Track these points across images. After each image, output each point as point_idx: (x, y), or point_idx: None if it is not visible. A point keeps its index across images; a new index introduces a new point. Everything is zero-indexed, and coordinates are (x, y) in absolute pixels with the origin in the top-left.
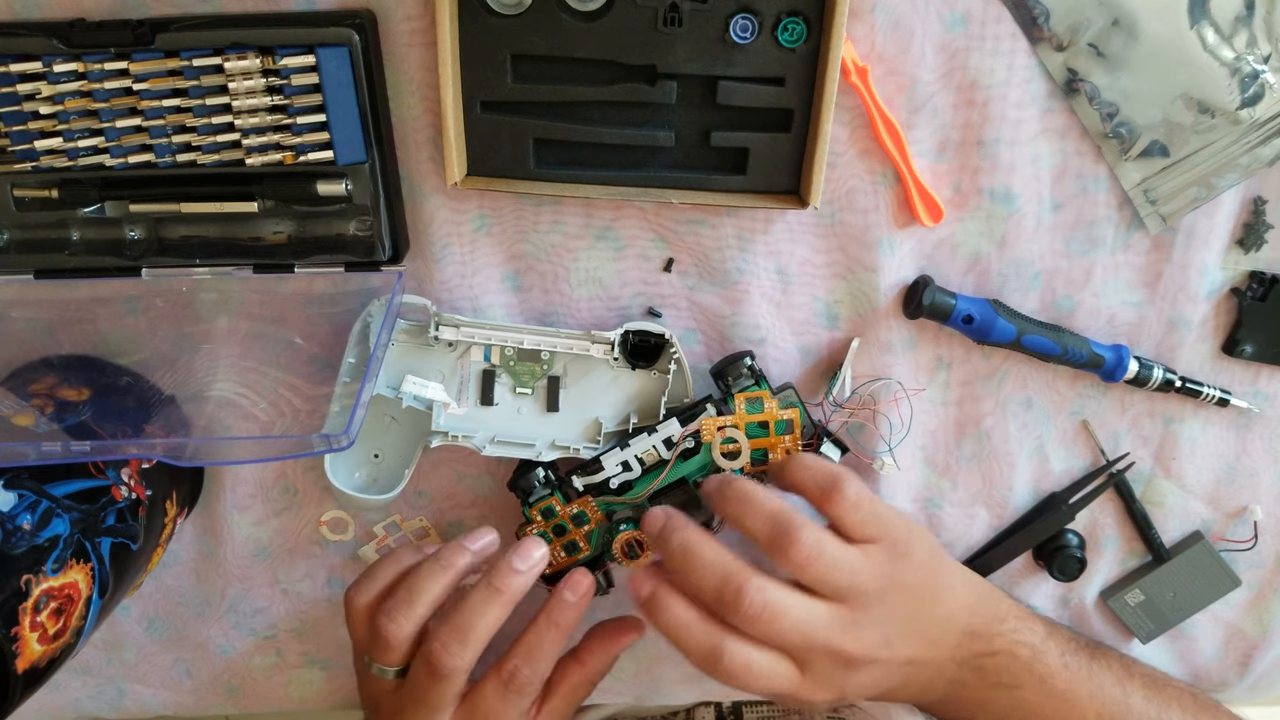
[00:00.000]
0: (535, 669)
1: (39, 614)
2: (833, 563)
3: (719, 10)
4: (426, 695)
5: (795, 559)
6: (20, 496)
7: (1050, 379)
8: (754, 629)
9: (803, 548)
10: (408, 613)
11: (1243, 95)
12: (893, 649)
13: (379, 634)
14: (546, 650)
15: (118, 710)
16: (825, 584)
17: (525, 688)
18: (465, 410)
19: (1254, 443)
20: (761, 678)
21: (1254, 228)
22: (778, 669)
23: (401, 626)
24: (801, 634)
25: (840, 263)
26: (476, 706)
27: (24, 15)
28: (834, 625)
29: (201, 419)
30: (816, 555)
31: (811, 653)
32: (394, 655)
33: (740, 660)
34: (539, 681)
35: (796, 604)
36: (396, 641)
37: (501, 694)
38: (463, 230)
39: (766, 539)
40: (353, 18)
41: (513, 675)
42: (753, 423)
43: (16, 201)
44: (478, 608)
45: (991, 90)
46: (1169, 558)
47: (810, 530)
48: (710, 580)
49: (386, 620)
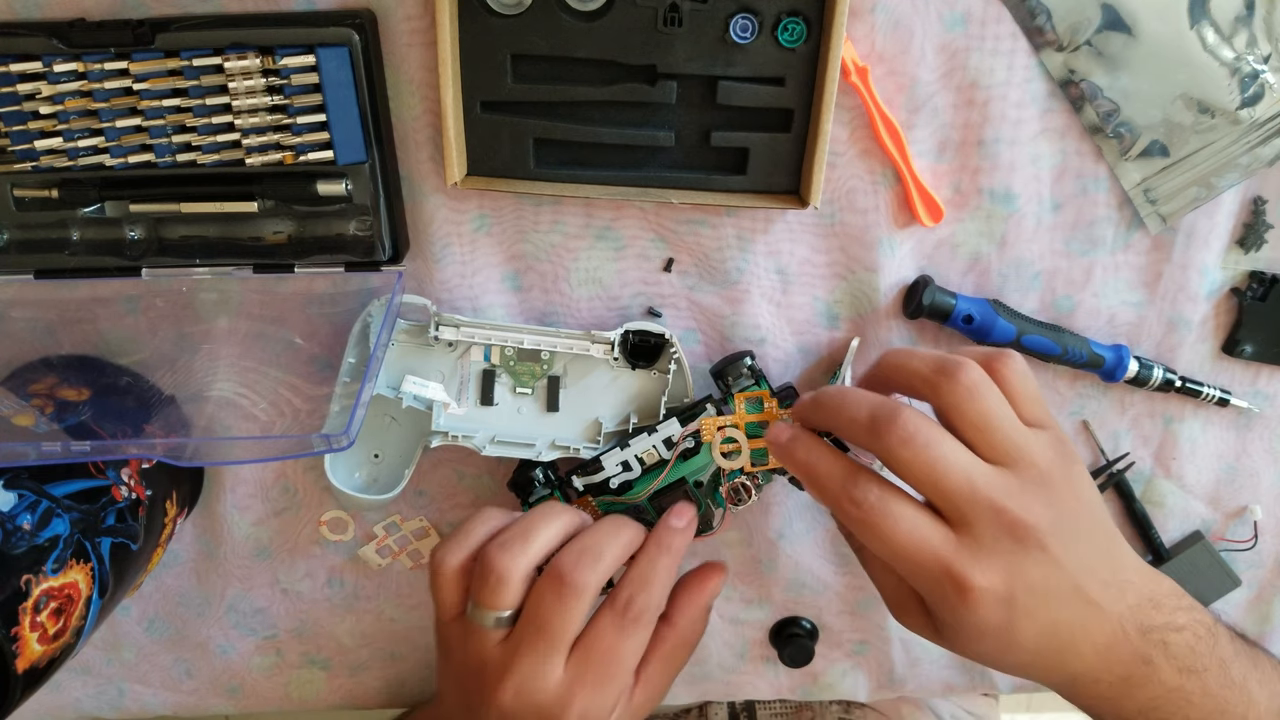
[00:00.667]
0: (650, 595)
1: (39, 614)
2: (993, 412)
3: (719, 10)
4: (547, 623)
5: (949, 397)
6: (20, 496)
7: (1050, 379)
8: (908, 455)
9: (964, 378)
10: (523, 547)
11: (1243, 95)
12: (1066, 549)
13: (488, 568)
14: (660, 576)
15: (118, 710)
16: (986, 435)
17: (642, 616)
18: (465, 410)
19: (1254, 443)
20: (904, 522)
21: (1254, 228)
22: (924, 519)
23: (516, 560)
24: (961, 475)
25: (840, 263)
26: (593, 645)
27: (24, 15)
28: (997, 481)
29: (201, 419)
30: (977, 395)
31: (972, 505)
32: (505, 595)
33: (876, 496)
34: (655, 611)
35: (958, 450)
36: (510, 576)
37: (618, 625)
38: (463, 230)
39: (923, 371)
40: (353, 18)
41: (628, 603)
42: (753, 422)
43: (16, 201)
44: (609, 531)
45: (991, 90)
46: (1169, 558)
47: (969, 369)
48: (863, 408)
49: (499, 551)
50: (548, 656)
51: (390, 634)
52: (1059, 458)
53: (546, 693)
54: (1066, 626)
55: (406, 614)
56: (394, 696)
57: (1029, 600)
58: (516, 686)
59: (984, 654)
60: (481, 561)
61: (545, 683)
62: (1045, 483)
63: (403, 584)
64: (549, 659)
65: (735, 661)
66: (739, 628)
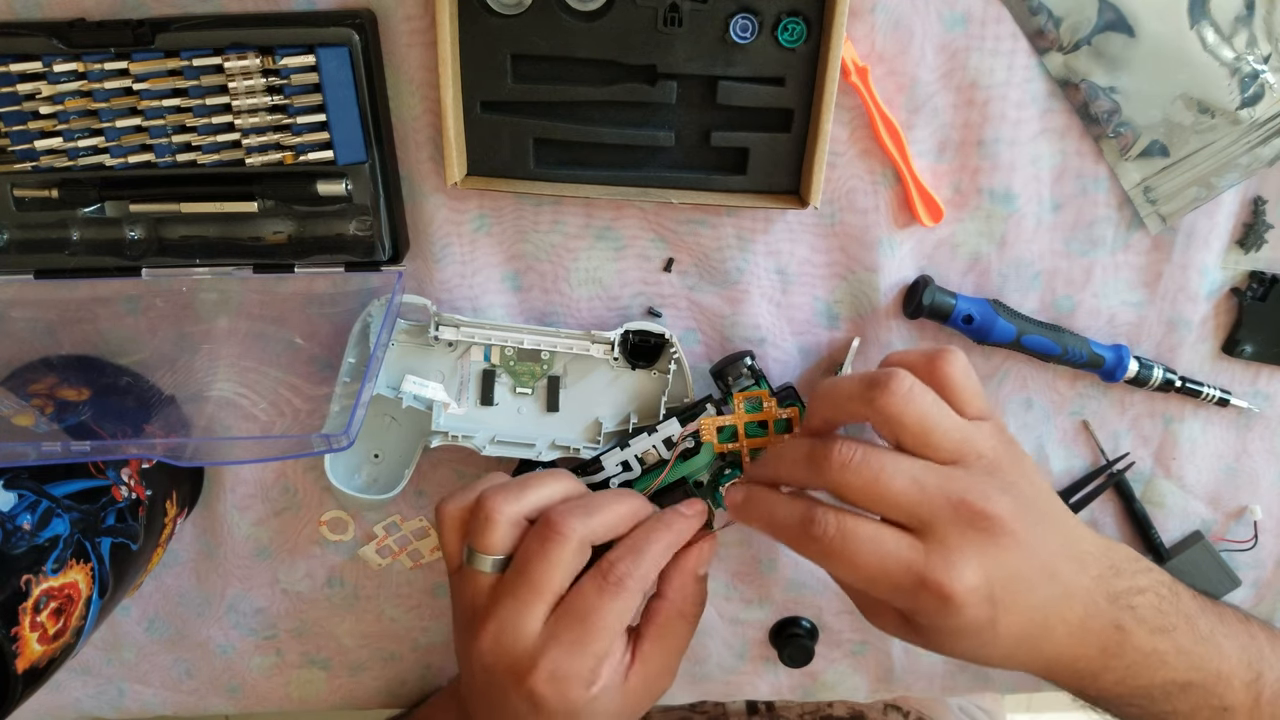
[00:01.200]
0: (637, 564)
1: (39, 614)
2: (930, 414)
3: (719, 10)
4: (528, 567)
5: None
6: (20, 496)
7: (1050, 379)
8: (850, 478)
9: (895, 388)
10: (518, 493)
11: (1243, 95)
12: (1030, 531)
13: (480, 508)
14: (652, 550)
15: (118, 710)
16: (927, 437)
17: (624, 580)
18: (465, 410)
19: (1254, 443)
20: (867, 543)
21: (1254, 228)
22: (887, 534)
23: (508, 503)
24: (908, 480)
25: (840, 263)
26: (572, 603)
27: (24, 15)
28: (947, 477)
29: (201, 419)
30: (911, 400)
31: (927, 506)
32: (493, 536)
33: (833, 523)
34: (640, 579)
35: (899, 459)
36: (498, 517)
37: (599, 586)
38: (463, 230)
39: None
40: (353, 18)
41: (612, 565)
42: (752, 422)
43: (16, 201)
44: (608, 496)
45: (991, 90)
46: (1169, 558)
47: (900, 378)
48: (799, 456)
49: (493, 493)
50: (527, 604)
51: (390, 634)
52: (1003, 444)
53: (521, 643)
54: (1042, 610)
55: (406, 614)
56: (394, 696)
57: (1007, 592)
58: (495, 632)
59: (964, 651)
60: (477, 503)
61: (521, 632)
62: (996, 470)
63: (403, 584)
64: (528, 607)
65: (735, 661)
66: (739, 628)
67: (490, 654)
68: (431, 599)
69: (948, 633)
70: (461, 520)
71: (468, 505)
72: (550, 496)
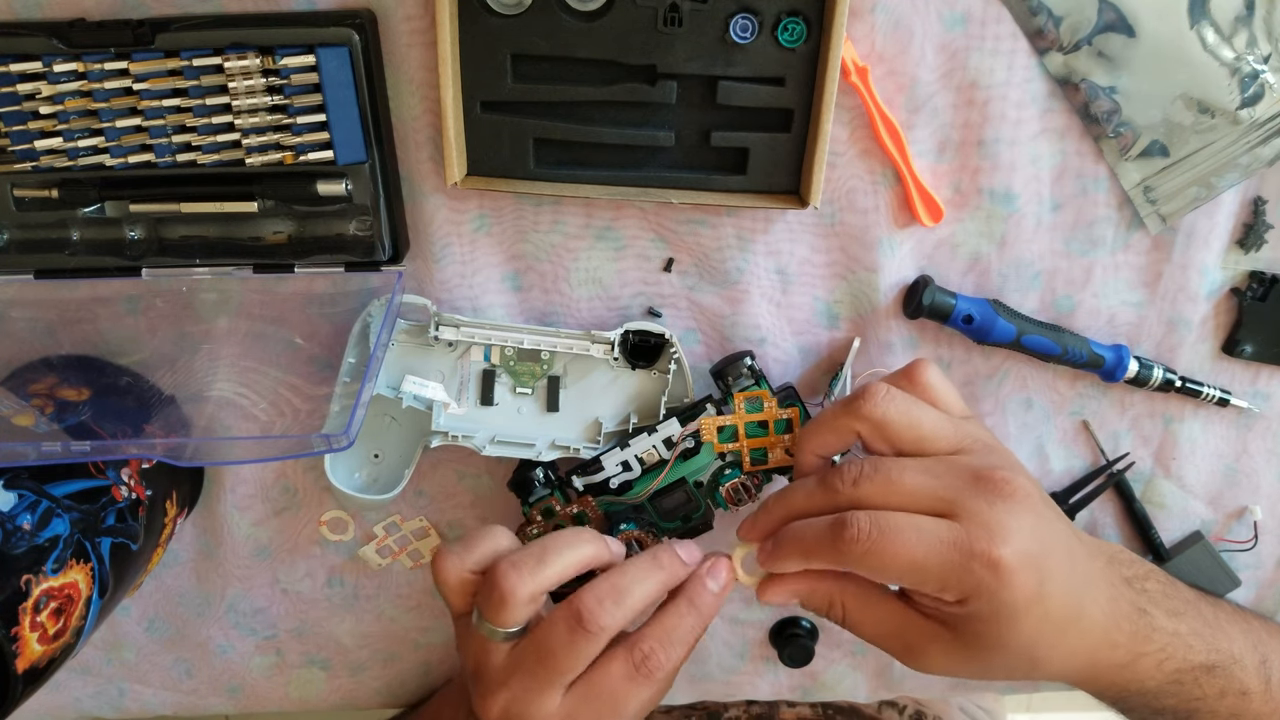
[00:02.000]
0: (670, 654)
1: (39, 614)
2: (915, 411)
3: (719, 10)
4: (553, 655)
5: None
6: (20, 496)
7: (1050, 379)
8: (867, 489)
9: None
10: (535, 569)
11: (1243, 95)
12: (1046, 504)
13: (493, 585)
14: (685, 636)
15: (118, 710)
16: (920, 432)
17: (657, 672)
18: (465, 410)
19: (1254, 443)
20: (908, 531)
21: (1254, 228)
22: (919, 522)
23: (524, 582)
24: (925, 473)
25: (840, 263)
26: (599, 686)
27: (24, 15)
28: (956, 460)
29: (201, 419)
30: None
31: (951, 489)
32: (507, 615)
33: (866, 520)
34: (673, 671)
35: (904, 459)
36: (514, 598)
37: (630, 676)
38: (463, 230)
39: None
40: (353, 18)
41: (646, 658)
42: (752, 422)
43: (16, 201)
44: (641, 572)
45: (991, 90)
46: (1169, 558)
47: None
48: (806, 486)
49: (509, 568)
50: (546, 686)
51: (390, 634)
52: (993, 437)
53: (536, 717)
54: (1075, 590)
55: (406, 614)
56: (394, 697)
57: (1049, 558)
58: (506, 705)
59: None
60: (490, 576)
61: (537, 711)
62: (996, 450)
63: (403, 584)
64: (547, 689)
65: (735, 661)
66: (739, 628)
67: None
68: (431, 599)
69: (1002, 621)
70: (462, 584)
71: (466, 571)
72: (569, 569)
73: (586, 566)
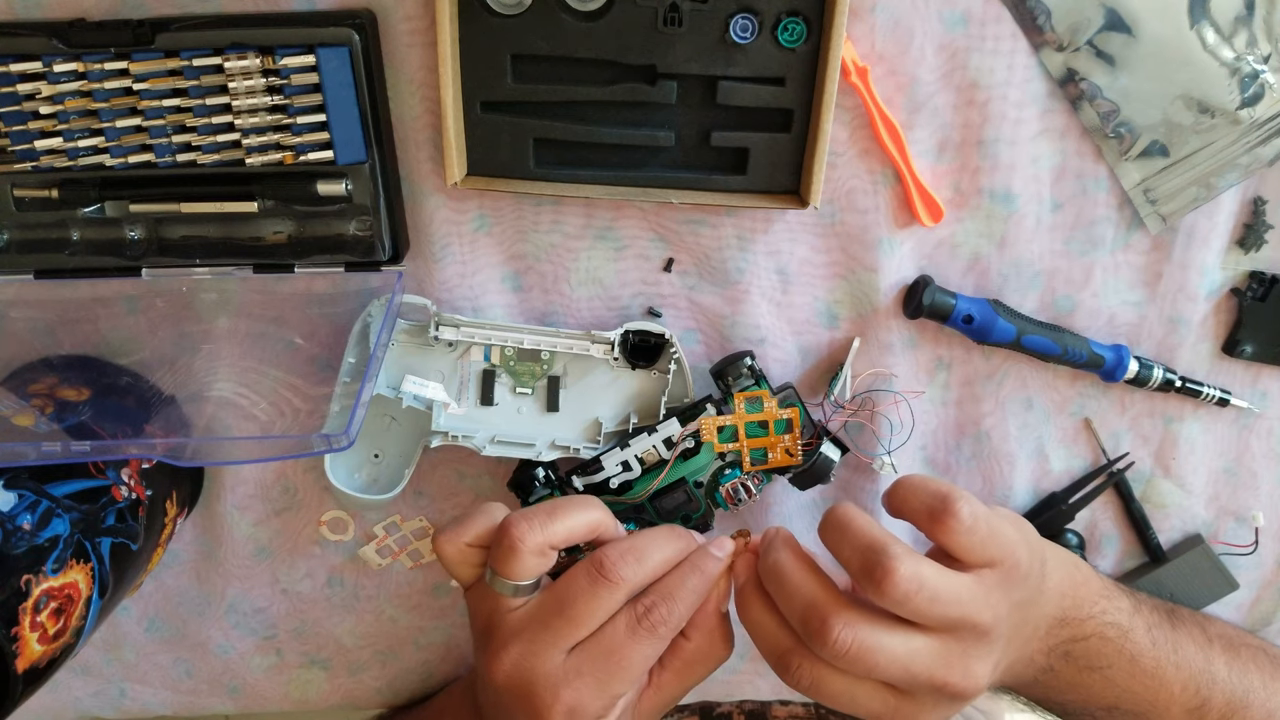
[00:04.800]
0: (671, 609)
1: (39, 614)
2: (935, 595)
3: (719, 10)
4: (571, 604)
5: (890, 594)
6: (20, 496)
7: (1050, 379)
8: (844, 665)
9: (898, 582)
10: (544, 522)
11: (1243, 95)
12: (998, 669)
13: (503, 534)
14: (687, 594)
15: (118, 710)
16: (929, 618)
17: (658, 627)
18: (465, 410)
19: (1254, 443)
20: (842, 699)
21: (1254, 228)
22: (861, 694)
23: (533, 532)
24: (902, 669)
25: (840, 263)
26: (602, 641)
27: (24, 15)
28: (939, 660)
29: (201, 419)
30: (915, 590)
31: (913, 685)
32: (514, 565)
33: (810, 679)
34: (673, 625)
35: (894, 641)
36: (520, 546)
37: (633, 629)
38: (463, 230)
39: (859, 570)
40: (353, 18)
41: (648, 611)
42: (752, 422)
43: (16, 201)
44: (661, 539)
45: (991, 90)
46: (1166, 559)
47: (907, 562)
48: (795, 607)
49: (519, 519)
50: (559, 636)
51: (390, 634)
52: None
53: (542, 672)
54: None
55: (406, 614)
56: (394, 696)
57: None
58: (519, 655)
59: None
60: (500, 529)
61: (545, 661)
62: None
63: (403, 584)
64: (559, 639)
65: (735, 661)
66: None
67: (509, 676)
68: (431, 599)
69: None
70: (464, 553)
71: (469, 541)
72: (577, 528)
73: (594, 530)
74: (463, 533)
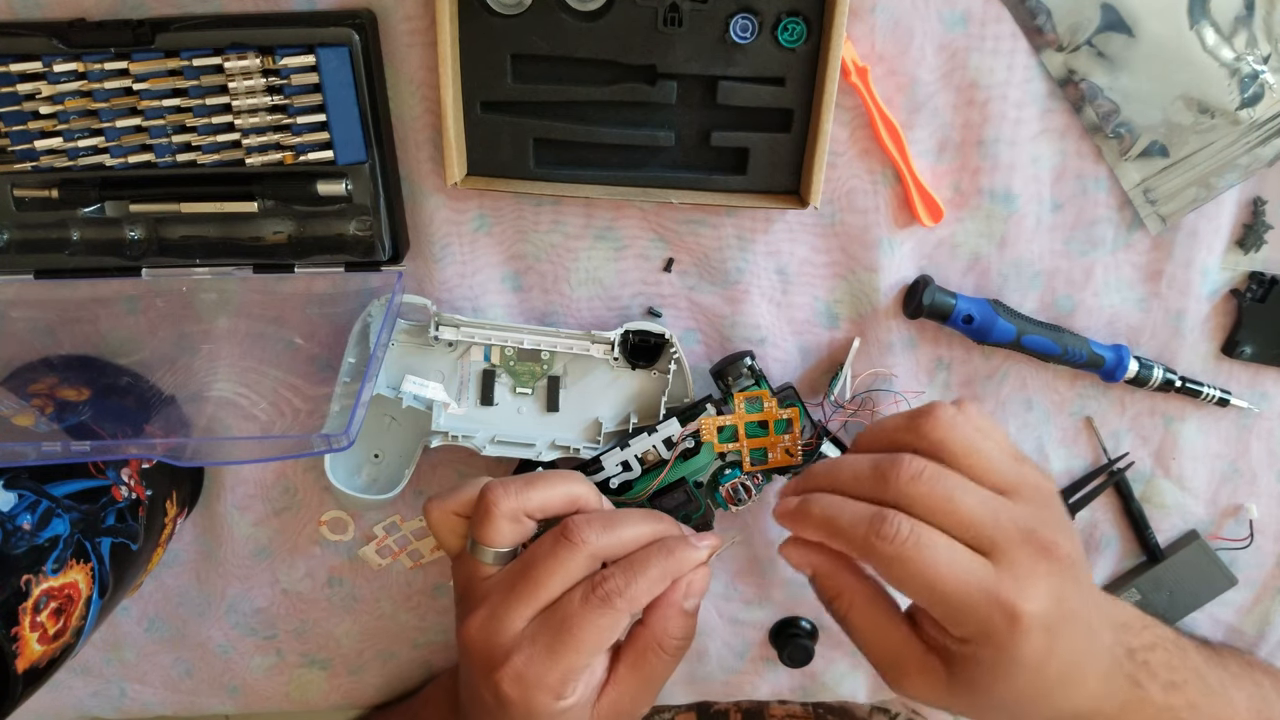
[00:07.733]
0: (629, 583)
1: (39, 614)
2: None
3: (719, 10)
4: (531, 567)
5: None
6: (20, 496)
7: (1050, 379)
8: (922, 489)
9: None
10: (521, 489)
11: (1243, 95)
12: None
13: (481, 500)
14: (650, 572)
15: (118, 710)
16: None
17: (611, 598)
18: (465, 410)
19: (1253, 443)
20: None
21: (1254, 228)
22: (961, 550)
23: (509, 498)
24: (979, 503)
25: (840, 263)
26: (558, 610)
27: (24, 15)
28: (1016, 508)
29: (201, 419)
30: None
31: (1001, 532)
32: (489, 529)
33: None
34: (629, 602)
35: (973, 488)
36: (496, 510)
37: (585, 598)
38: (463, 230)
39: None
40: (353, 18)
41: (601, 581)
42: (752, 422)
43: (16, 201)
44: (634, 516)
45: (991, 90)
46: (1163, 557)
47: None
48: (859, 464)
49: (497, 486)
50: (520, 600)
51: (390, 634)
52: (1049, 482)
53: (500, 636)
54: (1080, 656)
55: (406, 614)
56: (394, 696)
57: (1063, 627)
58: (483, 619)
59: (1004, 695)
60: (480, 494)
61: (504, 626)
62: (1051, 505)
63: (403, 584)
64: (520, 603)
65: (735, 661)
66: (739, 628)
67: (473, 640)
68: (431, 599)
69: (1000, 670)
70: (450, 520)
71: (455, 510)
72: (555, 497)
73: (573, 503)
74: (450, 501)
